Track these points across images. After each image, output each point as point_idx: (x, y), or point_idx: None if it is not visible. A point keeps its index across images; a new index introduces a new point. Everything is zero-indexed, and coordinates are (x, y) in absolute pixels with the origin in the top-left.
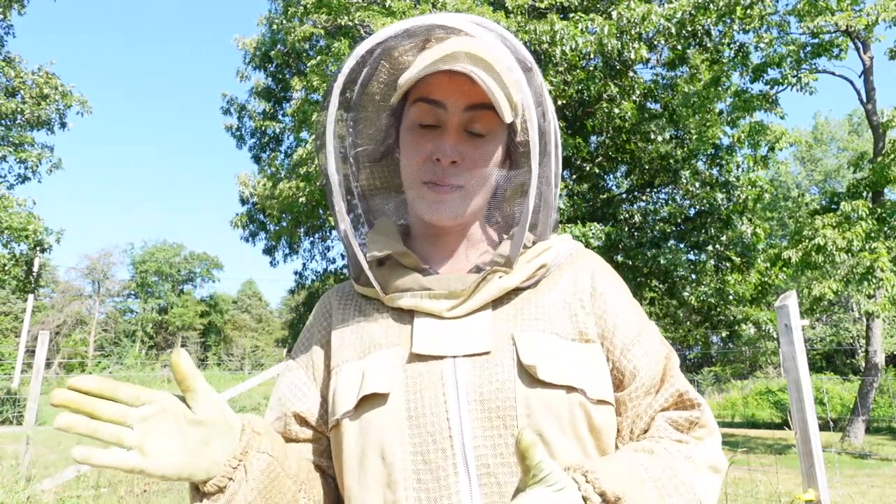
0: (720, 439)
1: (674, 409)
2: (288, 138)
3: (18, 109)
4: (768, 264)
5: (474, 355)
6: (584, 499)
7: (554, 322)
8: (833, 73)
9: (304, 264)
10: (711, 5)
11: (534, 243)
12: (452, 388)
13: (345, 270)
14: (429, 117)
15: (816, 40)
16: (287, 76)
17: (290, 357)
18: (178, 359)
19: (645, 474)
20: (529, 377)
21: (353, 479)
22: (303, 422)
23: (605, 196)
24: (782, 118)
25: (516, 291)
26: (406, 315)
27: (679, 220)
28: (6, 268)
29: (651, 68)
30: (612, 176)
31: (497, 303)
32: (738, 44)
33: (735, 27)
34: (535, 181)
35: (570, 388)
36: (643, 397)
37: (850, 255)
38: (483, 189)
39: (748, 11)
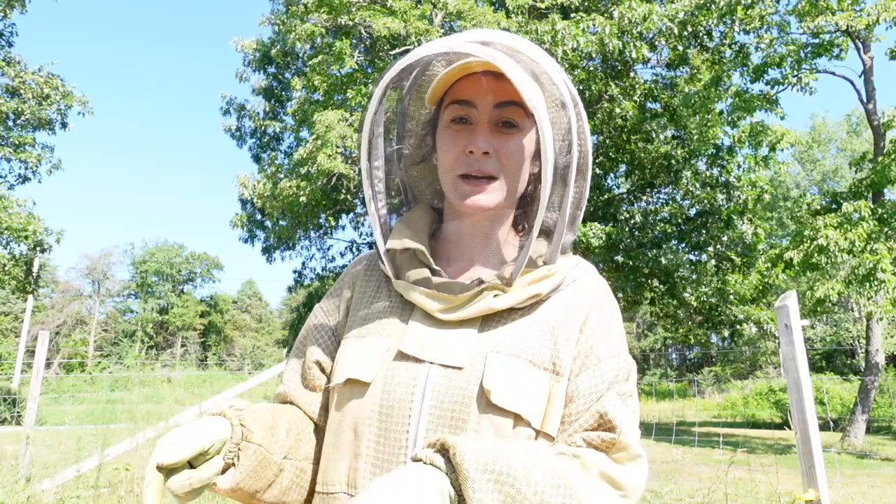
0: (644, 468)
1: (592, 430)
2: (288, 138)
3: (19, 110)
4: (769, 265)
5: (448, 367)
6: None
7: (532, 349)
8: (833, 74)
9: (303, 263)
10: (712, 5)
11: (544, 263)
12: (420, 391)
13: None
14: (461, 116)
15: (817, 40)
16: (287, 76)
17: (319, 305)
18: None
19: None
20: (486, 399)
21: (330, 440)
22: (321, 370)
23: (605, 196)
24: (782, 118)
25: (510, 311)
26: (408, 306)
27: (680, 221)
28: (6, 268)
29: (651, 68)
30: (612, 176)
31: (487, 319)
32: (738, 44)
33: (736, 27)
34: (542, 210)
35: (518, 417)
36: (574, 421)
37: (851, 255)
38: (516, 180)
39: (749, 11)
